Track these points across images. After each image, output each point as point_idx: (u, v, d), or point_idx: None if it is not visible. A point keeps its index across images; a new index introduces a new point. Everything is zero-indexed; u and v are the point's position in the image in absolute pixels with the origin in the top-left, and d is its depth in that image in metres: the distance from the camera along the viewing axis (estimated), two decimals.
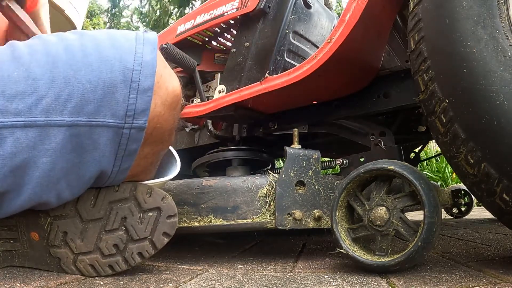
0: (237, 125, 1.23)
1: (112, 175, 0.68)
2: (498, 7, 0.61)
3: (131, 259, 0.69)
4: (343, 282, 0.63)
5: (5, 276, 0.68)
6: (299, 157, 0.85)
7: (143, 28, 9.76)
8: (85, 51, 0.62)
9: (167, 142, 0.74)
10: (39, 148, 0.59)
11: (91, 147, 0.63)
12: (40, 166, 0.60)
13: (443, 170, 3.76)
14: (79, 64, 0.61)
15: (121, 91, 0.62)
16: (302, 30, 1.26)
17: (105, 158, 0.65)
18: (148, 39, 0.67)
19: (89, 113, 0.61)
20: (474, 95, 0.60)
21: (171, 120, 0.70)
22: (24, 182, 0.61)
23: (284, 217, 0.82)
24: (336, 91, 1.04)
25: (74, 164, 0.63)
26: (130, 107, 0.63)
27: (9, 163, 0.58)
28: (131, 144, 0.65)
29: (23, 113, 0.58)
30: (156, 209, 0.70)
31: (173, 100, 0.69)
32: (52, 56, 0.61)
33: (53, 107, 0.59)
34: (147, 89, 0.64)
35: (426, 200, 0.64)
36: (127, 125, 0.63)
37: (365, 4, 0.81)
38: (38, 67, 0.59)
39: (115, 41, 0.65)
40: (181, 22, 1.41)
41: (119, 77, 0.62)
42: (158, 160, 0.76)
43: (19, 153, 0.58)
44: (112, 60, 0.62)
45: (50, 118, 0.59)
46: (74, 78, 0.60)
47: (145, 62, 0.64)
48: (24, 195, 0.62)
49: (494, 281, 0.60)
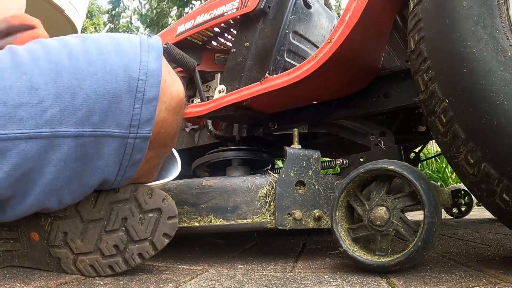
0: (237, 125, 1.23)
1: (115, 183, 0.68)
2: (498, 7, 0.61)
3: (131, 259, 0.69)
4: (343, 282, 0.63)
5: (5, 276, 0.68)
6: (299, 157, 0.85)
7: (142, 27, 9.76)
8: (89, 59, 0.61)
9: (170, 145, 0.74)
10: (44, 158, 0.59)
11: (95, 156, 0.62)
12: (44, 175, 0.60)
13: (443, 170, 3.76)
14: (83, 74, 0.60)
15: (126, 101, 0.61)
16: (302, 30, 1.26)
17: (108, 167, 0.64)
18: (153, 46, 0.66)
19: (94, 124, 0.60)
20: (474, 95, 0.60)
21: (175, 124, 0.70)
22: (28, 189, 0.61)
23: (284, 217, 0.82)
24: (336, 91, 1.04)
25: (78, 172, 0.63)
26: (135, 117, 0.62)
27: (14, 173, 0.58)
28: (135, 154, 0.65)
29: (28, 125, 0.57)
30: (156, 210, 0.70)
31: (177, 104, 0.68)
32: (55, 64, 0.59)
33: (58, 118, 0.58)
34: (152, 99, 0.63)
35: (426, 200, 0.64)
36: (131, 135, 0.63)
37: (365, 4, 0.81)
38: (41, 75, 0.58)
39: (119, 47, 0.64)
40: (181, 22, 1.41)
41: (124, 87, 0.61)
42: (160, 163, 0.76)
43: (24, 164, 0.58)
44: (117, 70, 0.61)
45: (55, 130, 0.58)
46: (79, 88, 0.59)
47: (151, 71, 0.63)
48: (27, 202, 0.62)
49: (494, 281, 0.60)
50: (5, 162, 0.57)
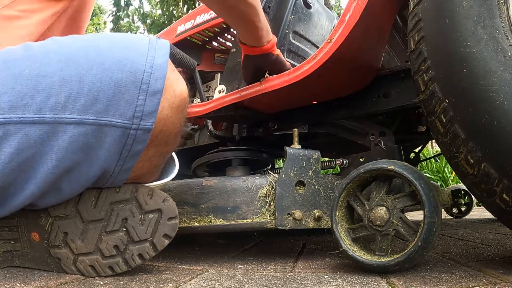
0: (237, 125, 1.23)
1: (114, 174, 0.68)
2: (498, 7, 0.61)
3: (131, 260, 0.69)
4: (343, 282, 0.63)
5: (5, 276, 0.68)
6: (299, 157, 0.85)
7: (142, 27, 9.76)
8: (98, 51, 0.63)
9: (173, 145, 0.74)
10: (46, 144, 0.60)
11: (96, 145, 0.63)
12: (46, 162, 0.61)
13: (443, 170, 3.76)
14: (91, 63, 0.62)
15: (130, 91, 0.63)
16: (302, 30, 1.26)
17: (109, 157, 0.65)
18: (161, 44, 0.68)
19: (97, 112, 0.61)
20: (474, 95, 0.60)
21: (177, 123, 0.71)
22: (29, 177, 0.61)
23: (284, 217, 0.82)
24: (336, 91, 1.04)
25: (79, 161, 0.63)
26: (139, 109, 0.63)
27: (16, 158, 0.59)
28: (136, 145, 0.65)
29: (32, 110, 0.59)
30: (157, 211, 0.70)
31: (180, 103, 0.69)
32: (65, 55, 0.62)
33: (62, 104, 0.60)
34: (156, 92, 0.64)
35: (426, 200, 0.64)
36: (134, 126, 0.64)
37: (365, 4, 0.81)
38: (50, 65, 0.60)
39: (128, 43, 0.66)
40: (181, 22, 1.41)
41: (130, 78, 0.63)
42: (162, 163, 0.76)
43: (26, 149, 0.59)
44: (124, 61, 0.63)
45: (59, 116, 0.60)
46: (85, 77, 0.61)
47: (156, 65, 0.65)
48: (28, 190, 0.62)
49: (494, 281, 0.60)
50: (7, 146, 0.58)
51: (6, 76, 0.59)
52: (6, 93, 0.58)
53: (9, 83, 0.58)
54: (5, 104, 0.58)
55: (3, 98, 0.58)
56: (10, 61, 0.61)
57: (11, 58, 0.61)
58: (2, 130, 0.58)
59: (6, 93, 0.58)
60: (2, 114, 0.57)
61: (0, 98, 0.58)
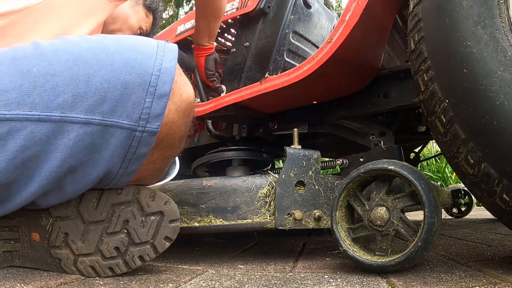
0: (237, 125, 1.23)
1: (117, 176, 0.68)
2: (498, 7, 0.61)
3: (132, 262, 0.69)
4: (343, 282, 0.63)
5: (5, 276, 0.68)
6: (299, 157, 0.85)
7: None
8: (107, 52, 0.63)
9: (177, 148, 0.74)
10: (51, 142, 0.60)
11: (101, 146, 0.63)
12: (50, 160, 0.61)
13: (443, 170, 3.76)
14: (100, 64, 0.62)
15: (137, 93, 0.63)
16: (302, 30, 1.26)
17: (113, 158, 0.65)
18: (169, 48, 0.68)
19: (104, 112, 0.61)
20: (474, 95, 0.60)
21: (183, 127, 0.71)
22: (33, 174, 0.61)
23: (284, 217, 0.82)
24: (336, 91, 1.04)
25: (83, 161, 0.63)
26: (145, 111, 0.63)
27: (21, 155, 0.59)
28: (141, 147, 0.65)
29: (39, 107, 0.59)
30: (158, 213, 0.70)
31: (186, 107, 0.69)
32: (74, 55, 0.62)
33: (70, 103, 0.60)
34: (164, 95, 0.64)
35: (426, 200, 0.64)
36: (140, 128, 0.64)
37: (365, 4, 0.81)
38: (59, 64, 0.60)
39: (137, 46, 0.66)
40: (181, 22, 1.41)
41: (138, 80, 0.63)
42: (166, 166, 0.76)
43: (31, 146, 0.59)
44: (132, 63, 0.63)
45: (65, 114, 0.60)
46: (93, 77, 0.61)
47: (164, 68, 0.65)
48: (31, 188, 0.62)
49: (494, 281, 0.60)
50: (13, 142, 0.58)
51: (15, 73, 0.59)
52: (13, 90, 0.58)
53: (17, 80, 0.58)
54: (12, 101, 0.58)
55: (10, 95, 0.58)
56: (18, 58, 0.61)
57: (20, 56, 0.61)
58: (8, 126, 0.58)
59: (14, 90, 0.58)
60: (9, 111, 0.57)
61: (8, 94, 0.58)
